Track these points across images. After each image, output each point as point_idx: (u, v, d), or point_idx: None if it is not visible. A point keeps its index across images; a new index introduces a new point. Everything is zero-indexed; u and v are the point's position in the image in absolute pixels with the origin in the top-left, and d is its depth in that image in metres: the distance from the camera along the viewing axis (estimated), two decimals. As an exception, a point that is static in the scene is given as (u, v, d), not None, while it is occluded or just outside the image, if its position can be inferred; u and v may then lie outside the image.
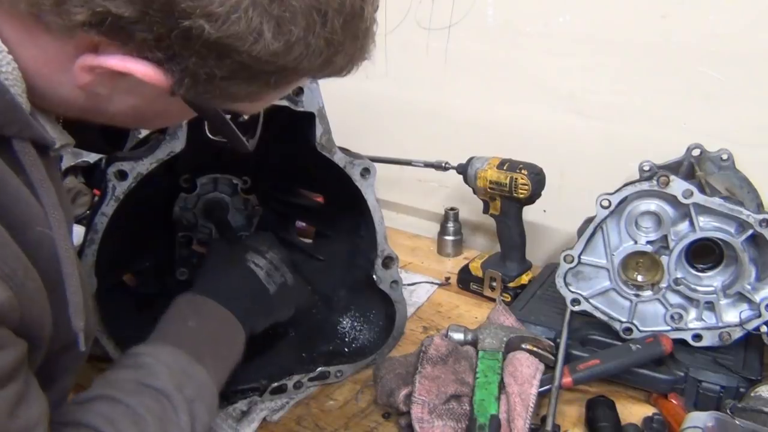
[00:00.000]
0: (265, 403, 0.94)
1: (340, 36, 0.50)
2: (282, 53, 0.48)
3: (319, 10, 0.48)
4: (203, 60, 0.47)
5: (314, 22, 0.48)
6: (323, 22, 0.49)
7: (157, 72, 0.48)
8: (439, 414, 0.85)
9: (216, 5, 0.44)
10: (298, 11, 0.47)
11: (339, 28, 0.50)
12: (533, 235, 1.25)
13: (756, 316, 0.91)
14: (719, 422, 0.77)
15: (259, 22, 0.46)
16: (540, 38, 1.21)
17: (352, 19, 0.51)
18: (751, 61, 1.04)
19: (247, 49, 0.47)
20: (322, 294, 1.11)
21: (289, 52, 0.49)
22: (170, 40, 0.46)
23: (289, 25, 0.47)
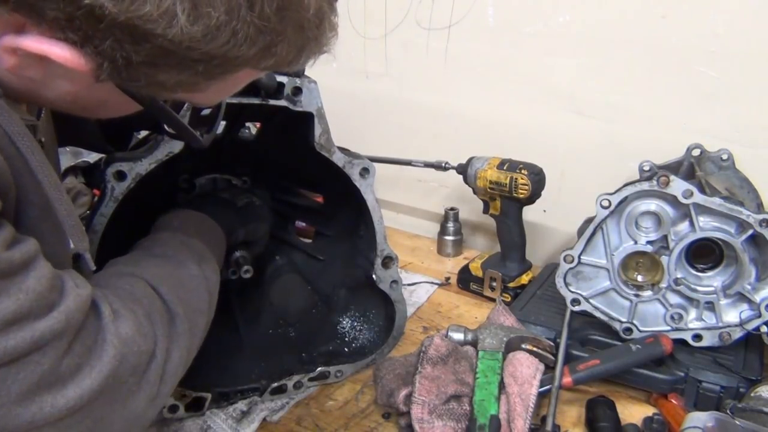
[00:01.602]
0: (265, 403, 0.94)
1: (276, 24, 0.47)
2: (203, 39, 0.45)
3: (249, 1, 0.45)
4: (118, 43, 0.45)
5: (238, 5, 0.44)
6: (249, 6, 0.45)
7: (74, 55, 0.45)
8: (439, 414, 0.85)
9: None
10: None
11: (272, 15, 0.46)
12: (533, 235, 1.25)
13: (756, 316, 0.90)
14: (719, 422, 0.77)
15: (171, 2, 0.43)
16: (540, 38, 1.21)
17: (288, 5, 0.47)
18: (751, 61, 1.04)
19: (161, 33, 0.44)
20: (322, 294, 1.11)
21: (213, 39, 0.45)
22: (79, 20, 0.43)
23: (207, 7, 0.44)
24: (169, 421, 0.89)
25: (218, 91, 0.55)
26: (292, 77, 0.84)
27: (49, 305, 0.48)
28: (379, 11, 1.37)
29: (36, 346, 0.46)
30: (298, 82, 0.84)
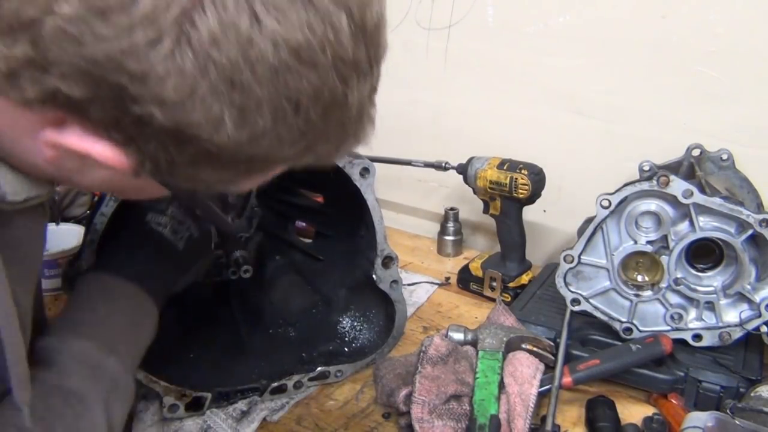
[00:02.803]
0: (265, 403, 0.94)
1: (321, 125, 0.47)
2: (248, 143, 0.45)
3: (290, 99, 0.44)
4: (163, 146, 0.45)
5: (284, 111, 0.44)
6: (295, 112, 0.44)
7: (117, 153, 0.45)
8: (439, 414, 0.85)
9: (169, 92, 0.41)
10: (263, 100, 0.43)
11: (317, 118, 0.46)
12: (533, 235, 1.25)
13: (756, 316, 0.91)
14: (719, 422, 0.77)
15: (219, 110, 0.42)
16: (540, 38, 1.21)
17: (333, 107, 0.46)
18: (751, 61, 1.04)
19: (207, 138, 0.44)
20: (322, 294, 1.11)
21: (257, 143, 0.45)
22: (125, 124, 0.43)
23: (254, 115, 0.43)
24: (169, 421, 0.89)
25: (253, 183, 0.55)
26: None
27: None
28: (379, 11, 1.37)
29: None
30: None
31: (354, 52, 0.45)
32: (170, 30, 0.40)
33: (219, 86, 0.42)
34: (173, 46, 0.40)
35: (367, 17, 0.45)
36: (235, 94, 0.42)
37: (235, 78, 0.42)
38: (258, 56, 0.41)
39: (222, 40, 0.40)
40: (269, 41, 0.41)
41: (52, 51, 0.40)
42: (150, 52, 0.40)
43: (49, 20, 0.39)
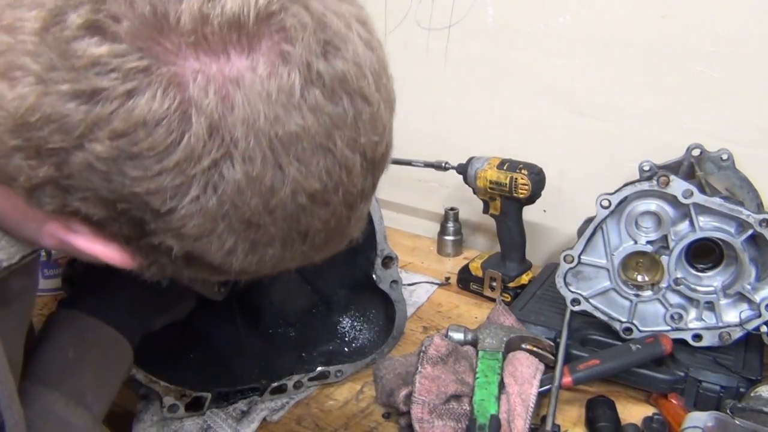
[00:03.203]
0: (265, 403, 0.94)
1: (321, 245, 0.49)
2: (253, 266, 0.47)
3: (300, 232, 0.46)
4: (172, 262, 0.46)
5: (292, 241, 0.46)
6: (303, 240, 0.47)
7: (124, 257, 0.46)
8: (439, 414, 0.85)
9: (188, 229, 0.42)
10: (276, 236, 0.45)
11: (321, 241, 0.48)
12: (533, 235, 1.25)
13: (756, 316, 0.91)
14: (719, 422, 0.77)
15: (232, 243, 0.44)
16: (540, 38, 1.21)
17: (336, 231, 0.49)
18: (751, 61, 1.04)
19: (218, 263, 0.46)
20: (322, 294, 1.11)
21: (261, 265, 0.47)
22: (139, 243, 0.45)
23: (265, 247, 0.45)
24: (169, 421, 0.90)
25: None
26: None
27: None
28: (379, 11, 1.37)
29: None
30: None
31: (363, 184, 0.47)
32: (199, 178, 0.40)
33: (236, 226, 0.43)
34: (199, 192, 0.41)
35: (377, 153, 0.47)
36: (250, 232, 0.44)
37: (253, 220, 0.43)
38: (278, 203, 0.43)
39: (246, 190, 0.42)
40: (290, 190, 0.43)
41: (76, 179, 0.41)
42: (176, 196, 0.41)
43: (79, 154, 0.40)
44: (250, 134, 0.40)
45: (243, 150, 0.40)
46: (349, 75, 0.43)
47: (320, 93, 0.42)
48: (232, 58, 0.40)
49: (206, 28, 0.39)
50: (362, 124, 0.45)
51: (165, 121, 0.39)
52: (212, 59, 0.39)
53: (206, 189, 0.41)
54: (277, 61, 0.40)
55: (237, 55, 0.40)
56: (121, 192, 0.41)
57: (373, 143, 0.46)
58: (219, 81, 0.39)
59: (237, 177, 0.41)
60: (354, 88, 0.43)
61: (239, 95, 0.40)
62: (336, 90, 0.42)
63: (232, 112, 0.40)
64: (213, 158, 0.40)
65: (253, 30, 0.40)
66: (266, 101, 0.40)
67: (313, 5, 0.42)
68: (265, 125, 0.40)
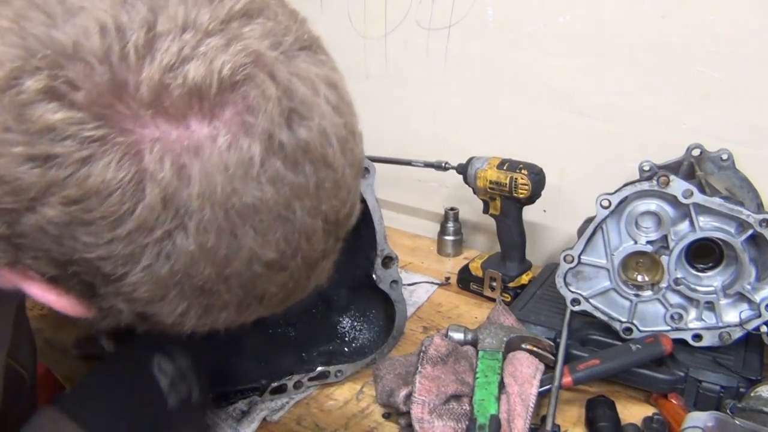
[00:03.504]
0: (265, 403, 0.94)
1: (280, 304, 0.48)
2: (207, 328, 0.47)
3: (256, 296, 0.45)
4: (125, 317, 0.46)
5: (248, 304, 0.46)
6: (259, 302, 0.46)
7: (78, 307, 0.46)
8: (439, 414, 0.85)
9: (140, 293, 0.42)
10: (230, 302, 0.45)
11: (279, 301, 0.48)
12: (533, 235, 1.25)
13: (756, 316, 0.90)
14: (719, 422, 0.77)
15: (185, 307, 0.44)
16: (540, 38, 1.21)
17: (295, 290, 0.48)
18: (750, 61, 1.04)
19: (169, 324, 0.45)
20: (322, 294, 1.11)
21: (215, 326, 0.47)
22: (92, 300, 0.44)
23: (220, 312, 0.45)
24: (169, 420, 0.89)
25: None
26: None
27: None
28: (379, 11, 1.37)
29: None
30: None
31: (324, 246, 0.47)
32: (151, 248, 0.40)
33: (189, 293, 0.43)
34: (152, 261, 0.41)
35: (340, 216, 0.47)
36: (203, 298, 0.44)
37: (206, 287, 0.43)
38: (232, 272, 0.42)
39: (200, 260, 0.41)
40: (245, 260, 0.42)
41: (28, 239, 0.40)
42: (128, 263, 0.41)
43: (31, 216, 0.39)
44: (206, 206, 0.40)
45: (197, 222, 0.40)
46: (312, 143, 0.42)
47: (281, 163, 0.41)
48: (192, 127, 0.39)
49: (166, 98, 0.38)
50: (325, 191, 0.44)
51: (119, 191, 0.38)
52: (172, 128, 0.39)
53: (158, 258, 0.40)
54: (239, 132, 0.40)
55: (198, 125, 0.39)
56: (72, 256, 0.40)
57: (335, 208, 0.46)
58: (176, 151, 0.39)
59: (190, 248, 0.40)
60: (317, 156, 0.43)
61: (196, 167, 0.39)
62: (298, 159, 0.42)
63: (188, 184, 0.39)
64: (166, 229, 0.40)
65: (215, 100, 0.39)
66: (224, 173, 0.39)
67: (279, 73, 0.41)
68: (222, 197, 0.40)
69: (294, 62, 0.43)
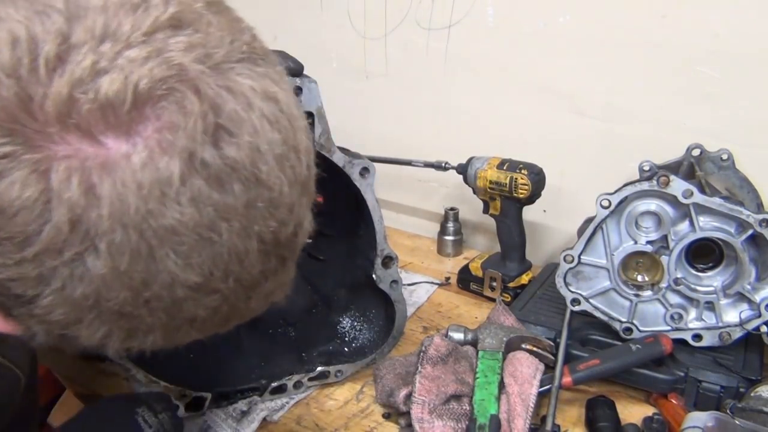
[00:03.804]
0: (265, 403, 0.94)
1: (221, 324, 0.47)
2: (135, 350, 0.45)
3: (185, 319, 0.43)
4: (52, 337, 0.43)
5: (176, 327, 0.44)
6: (190, 325, 0.44)
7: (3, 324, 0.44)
8: (439, 414, 0.85)
9: (55, 315, 0.40)
10: (155, 325, 0.42)
11: (219, 321, 0.46)
12: (533, 235, 1.25)
13: (756, 316, 0.90)
14: (719, 422, 0.77)
15: (105, 331, 0.42)
16: (540, 38, 1.21)
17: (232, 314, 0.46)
18: (751, 61, 1.04)
19: (93, 346, 0.43)
20: (322, 294, 1.11)
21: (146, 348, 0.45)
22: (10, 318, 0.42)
23: (144, 336, 0.43)
24: (169, 420, 0.89)
25: None
26: (292, 77, 0.84)
27: None
28: (379, 11, 1.37)
29: None
30: (298, 82, 0.85)
31: (263, 266, 0.44)
32: (61, 270, 0.38)
33: (107, 317, 0.41)
34: (63, 283, 0.39)
35: (281, 236, 0.44)
36: (123, 322, 0.42)
37: (125, 311, 0.41)
38: (152, 296, 0.40)
39: (114, 283, 0.39)
40: (165, 284, 0.40)
41: None
42: (38, 285, 0.39)
43: None
44: (117, 228, 0.38)
45: (108, 244, 0.38)
46: (241, 161, 0.40)
47: (204, 183, 0.39)
48: (108, 144, 0.37)
49: (75, 113, 0.36)
50: (257, 210, 0.42)
51: (25, 210, 0.36)
52: (84, 145, 0.37)
53: (70, 280, 0.39)
54: (156, 149, 0.38)
55: (114, 142, 0.37)
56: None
57: (272, 228, 0.43)
58: (86, 170, 0.37)
59: (102, 271, 0.39)
60: (247, 175, 0.41)
61: (107, 186, 0.37)
62: (224, 178, 0.40)
63: (97, 204, 0.37)
64: (76, 251, 0.38)
65: (130, 116, 0.37)
66: (137, 193, 0.37)
67: (205, 88, 0.39)
68: (136, 218, 0.38)
69: (225, 75, 0.41)
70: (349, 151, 0.96)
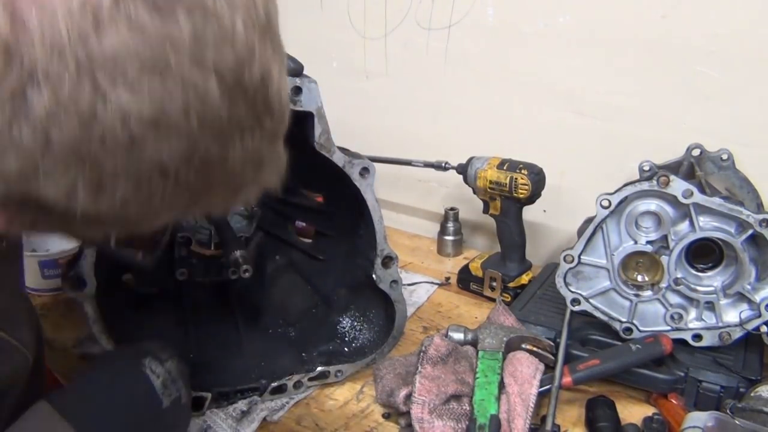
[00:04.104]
0: (265, 403, 0.94)
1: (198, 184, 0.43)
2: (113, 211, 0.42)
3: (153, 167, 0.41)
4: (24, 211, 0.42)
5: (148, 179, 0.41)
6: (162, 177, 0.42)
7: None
8: (439, 414, 0.85)
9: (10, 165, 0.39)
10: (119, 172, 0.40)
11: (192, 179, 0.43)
12: (533, 235, 1.25)
13: (756, 316, 0.91)
14: (719, 422, 0.77)
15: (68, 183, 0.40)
16: (540, 38, 1.21)
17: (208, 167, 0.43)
18: (751, 61, 1.04)
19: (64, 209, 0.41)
20: (322, 294, 1.11)
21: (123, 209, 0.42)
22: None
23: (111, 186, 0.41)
24: (169, 420, 0.89)
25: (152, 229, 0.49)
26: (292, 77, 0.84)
27: None
28: (379, 11, 1.37)
29: None
30: (298, 82, 0.85)
31: (231, 111, 0.42)
32: (4, 107, 0.37)
33: (64, 161, 0.39)
34: (7, 122, 0.37)
35: (243, 77, 0.42)
36: (82, 167, 0.39)
37: (82, 152, 0.39)
38: (105, 131, 0.38)
39: (60, 116, 0.37)
40: (117, 115, 0.38)
41: None
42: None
43: None
44: (53, 56, 0.36)
45: (45, 74, 0.36)
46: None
47: (142, 7, 0.37)
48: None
49: None
50: (208, 42, 0.39)
51: None
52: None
53: (16, 117, 0.37)
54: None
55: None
56: None
57: (228, 64, 0.41)
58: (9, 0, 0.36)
59: (45, 102, 0.37)
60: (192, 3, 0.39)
61: (34, 13, 0.36)
62: (163, 5, 0.38)
63: (26, 31, 0.36)
64: (16, 84, 0.37)
65: None
66: (68, 18, 0.36)
67: None
68: (70, 45, 0.36)
69: None
70: (349, 151, 0.96)
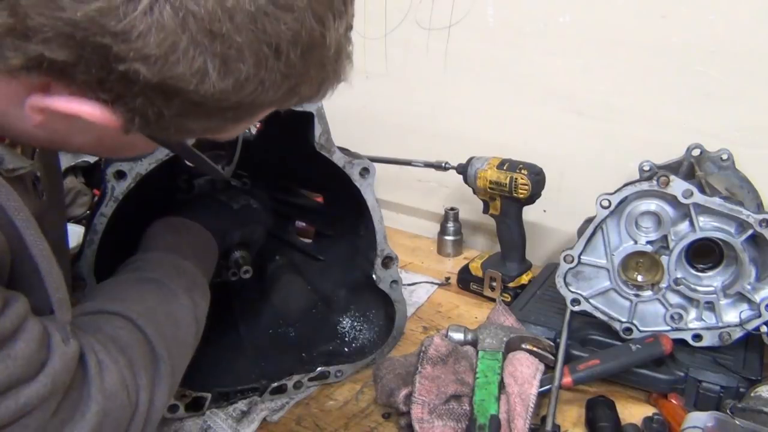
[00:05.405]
0: (265, 403, 0.94)
1: (300, 67, 0.48)
2: (233, 91, 0.47)
3: (270, 44, 0.45)
4: (150, 100, 0.46)
5: (265, 56, 0.46)
6: (276, 56, 0.46)
7: (105, 112, 0.47)
8: (439, 414, 0.85)
9: (152, 47, 0.42)
10: (244, 48, 0.45)
11: (298, 60, 0.47)
12: (533, 235, 1.25)
13: (756, 316, 0.91)
14: (719, 422, 0.77)
15: (202, 61, 0.44)
16: (540, 38, 1.21)
17: (312, 48, 0.48)
18: (751, 61, 1.04)
19: (193, 89, 0.45)
20: (322, 294, 1.11)
21: (241, 89, 0.47)
22: (111, 83, 0.45)
23: (237, 63, 0.45)
24: (170, 421, 0.90)
25: (241, 129, 0.57)
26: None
27: (36, 367, 0.49)
28: (379, 11, 1.37)
29: (23, 412, 0.47)
30: (298, 82, 0.84)
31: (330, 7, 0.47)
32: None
33: (200, 38, 0.43)
34: (151, 2, 0.41)
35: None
36: (216, 44, 0.44)
37: (215, 28, 0.43)
38: (235, 4, 0.43)
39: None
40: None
41: (31, 18, 0.41)
42: (128, 10, 0.41)
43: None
44: None
45: None
46: None
47: None
48: None
49: None
50: None
51: None
52: None
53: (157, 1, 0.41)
54: None
55: None
56: (76, 20, 0.41)
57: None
58: None
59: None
60: None
61: None
62: None
63: None
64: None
65: None
66: None
67: None
68: None
69: None
70: (349, 151, 0.96)
